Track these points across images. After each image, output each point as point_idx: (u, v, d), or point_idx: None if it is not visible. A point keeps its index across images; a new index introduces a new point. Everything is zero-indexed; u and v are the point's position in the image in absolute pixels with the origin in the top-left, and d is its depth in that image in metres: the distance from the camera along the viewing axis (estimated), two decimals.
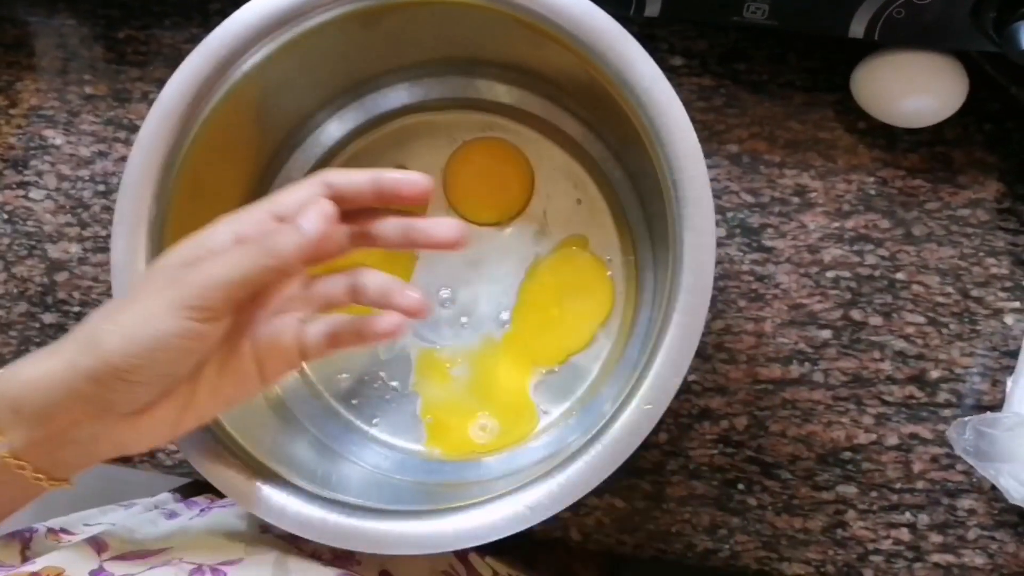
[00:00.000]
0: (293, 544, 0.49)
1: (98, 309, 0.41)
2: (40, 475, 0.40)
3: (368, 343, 0.43)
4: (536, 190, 0.58)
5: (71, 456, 0.41)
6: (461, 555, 0.55)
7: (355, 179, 0.41)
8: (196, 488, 0.63)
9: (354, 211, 0.42)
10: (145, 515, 0.55)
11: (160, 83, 0.48)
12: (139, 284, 0.41)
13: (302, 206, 0.39)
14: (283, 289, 0.42)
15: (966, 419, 0.51)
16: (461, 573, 0.54)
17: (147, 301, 0.38)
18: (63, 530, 0.51)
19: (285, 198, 0.41)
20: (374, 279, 0.42)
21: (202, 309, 0.38)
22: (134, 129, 0.62)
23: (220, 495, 0.57)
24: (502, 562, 0.58)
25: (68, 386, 0.38)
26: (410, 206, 0.43)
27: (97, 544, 0.46)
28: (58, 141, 0.62)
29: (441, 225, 0.42)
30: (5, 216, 0.62)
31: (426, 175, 0.41)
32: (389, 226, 0.43)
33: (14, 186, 0.62)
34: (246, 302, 0.40)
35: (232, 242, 0.40)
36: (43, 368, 0.39)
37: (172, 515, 0.55)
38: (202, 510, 0.56)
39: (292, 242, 0.38)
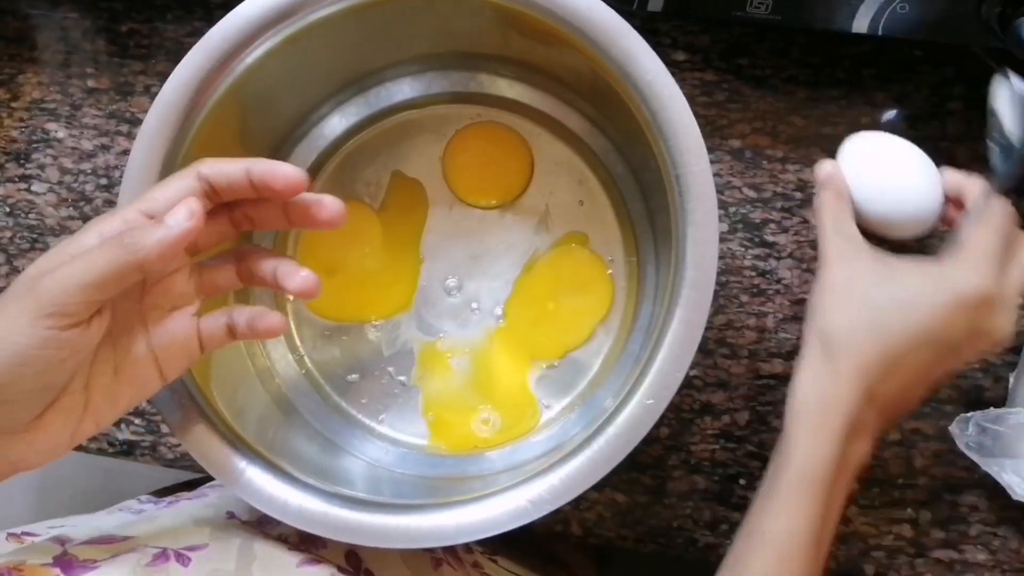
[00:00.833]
0: (260, 530, 0.49)
1: None
2: None
3: (259, 338, 0.43)
4: (538, 185, 0.58)
5: None
6: None
7: (227, 169, 0.40)
8: (168, 492, 0.63)
9: (236, 208, 0.42)
10: (110, 516, 0.55)
11: (162, 77, 0.47)
12: (2, 297, 0.38)
13: (172, 203, 0.38)
14: (171, 285, 0.41)
15: (969, 415, 0.51)
16: (436, 551, 0.53)
17: (4, 313, 0.36)
18: (25, 533, 0.50)
19: (157, 194, 0.39)
20: (264, 259, 0.42)
21: (60, 316, 0.36)
22: (136, 122, 0.61)
23: (189, 492, 0.57)
24: (481, 543, 0.57)
25: None
26: (283, 199, 0.41)
27: (60, 540, 0.45)
28: (60, 134, 0.62)
29: (325, 201, 0.41)
30: (7, 209, 0.62)
31: (299, 169, 0.40)
32: (268, 207, 0.42)
33: (16, 179, 0.62)
34: (123, 301, 0.39)
35: (97, 244, 0.38)
36: None
37: (139, 512, 0.55)
38: (169, 503, 0.55)
39: (154, 239, 0.37)
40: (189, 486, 0.47)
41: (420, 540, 0.44)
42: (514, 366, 0.57)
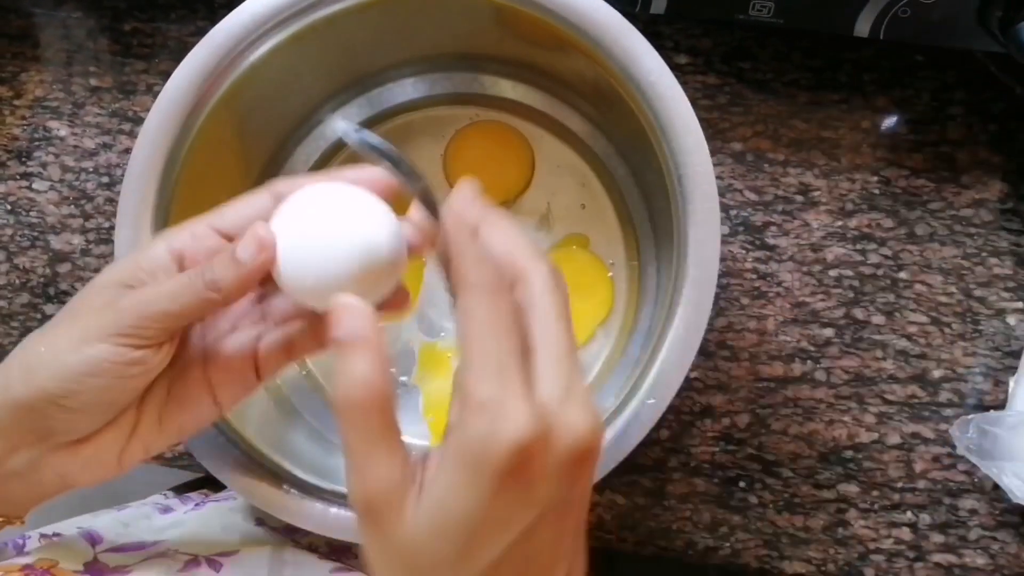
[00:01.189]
0: (289, 537, 0.49)
1: (39, 329, 0.39)
2: None
3: (327, 349, 0.38)
4: (540, 187, 0.58)
5: (15, 491, 0.39)
6: None
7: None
8: (191, 487, 0.63)
9: None
10: (139, 511, 0.55)
11: (165, 76, 0.48)
12: (76, 302, 0.38)
13: (242, 221, 0.38)
14: (234, 307, 0.41)
15: (969, 417, 0.52)
16: None
17: (81, 323, 0.37)
18: (56, 534, 0.50)
19: (230, 212, 0.39)
20: None
21: (137, 337, 0.36)
22: (139, 121, 0.62)
23: (215, 491, 0.57)
24: None
25: (7, 417, 0.37)
26: None
27: (91, 537, 0.45)
28: (62, 132, 0.62)
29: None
30: (8, 207, 0.62)
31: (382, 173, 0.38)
32: None
33: (18, 177, 0.62)
34: (189, 328, 0.38)
35: (170, 261, 0.38)
36: None
37: (167, 510, 0.55)
38: (196, 504, 0.55)
39: (230, 275, 0.36)
40: (212, 483, 0.47)
41: None
42: None
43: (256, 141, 0.55)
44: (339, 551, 0.49)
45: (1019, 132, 0.57)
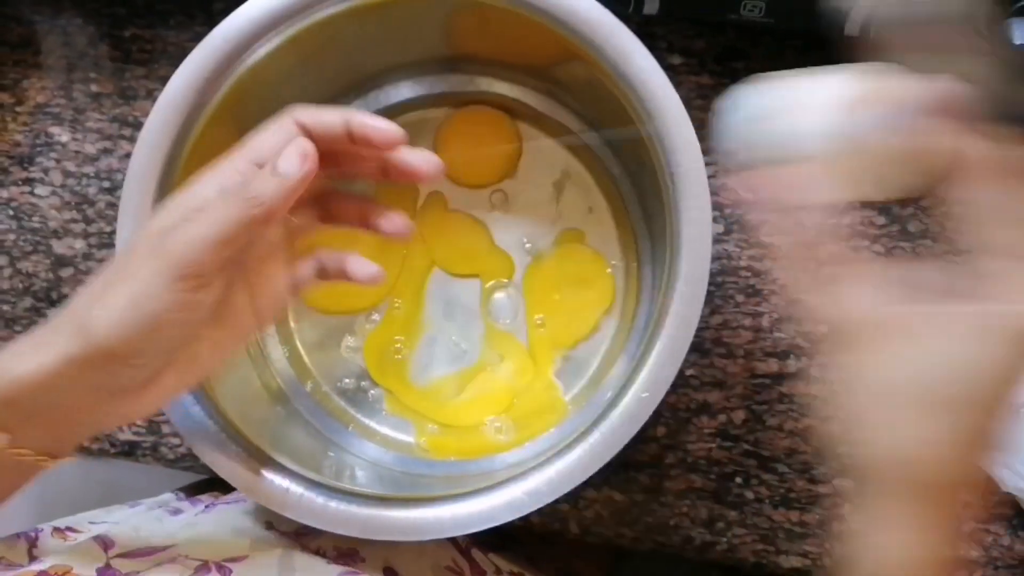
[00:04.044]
0: (297, 542, 0.49)
1: (82, 289, 0.39)
2: (43, 456, 0.39)
3: (350, 280, 0.43)
4: (535, 186, 0.58)
5: (74, 435, 0.40)
6: (464, 551, 0.55)
7: (325, 119, 0.40)
8: (200, 488, 0.64)
9: (329, 157, 0.40)
10: (150, 512, 0.55)
11: (164, 81, 0.48)
12: (124, 255, 0.38)
13: (277, 148, 0.38)
14: (268, 235, 0.42)
15: None
16: (464, 569, 0.54)
17: (136, 276, 0.36)
18: (69, 528, 0.51)
19: (260, 143, 0.39)
20: (345, 200, 0.44)
21: (194, 277, 0.36)
22: (139, 126, 0.62)
23: (224, 493, 0.58)
24: (504, 558, 0.58)
25: (67, 378, 0.37)
26: (381, 151, 0.41)
27: (103, 542, 0.46)
28: (64, 138, 0.63)
29: (424, 155, 0.41)
30: (11, 212, 0.62)
31: (395, 124, 0.40)
32: (363, 161, 0.42)
33: (20, 182, 0.63)
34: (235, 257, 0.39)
35: (217, 196, 0.38)
36: (35, 363, 0.37)
37: (177, 512, 0.55)
38: (207, 507, 0.56)
39: (274, 187, 0.37)
40: (221, 485, 0.48)
41: (418, 533, 0.44)
42: (540, 360, 0.58)
43: None
44: (346, 555, 0.50)
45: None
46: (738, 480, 0.57)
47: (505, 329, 0.58)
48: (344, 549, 0.49)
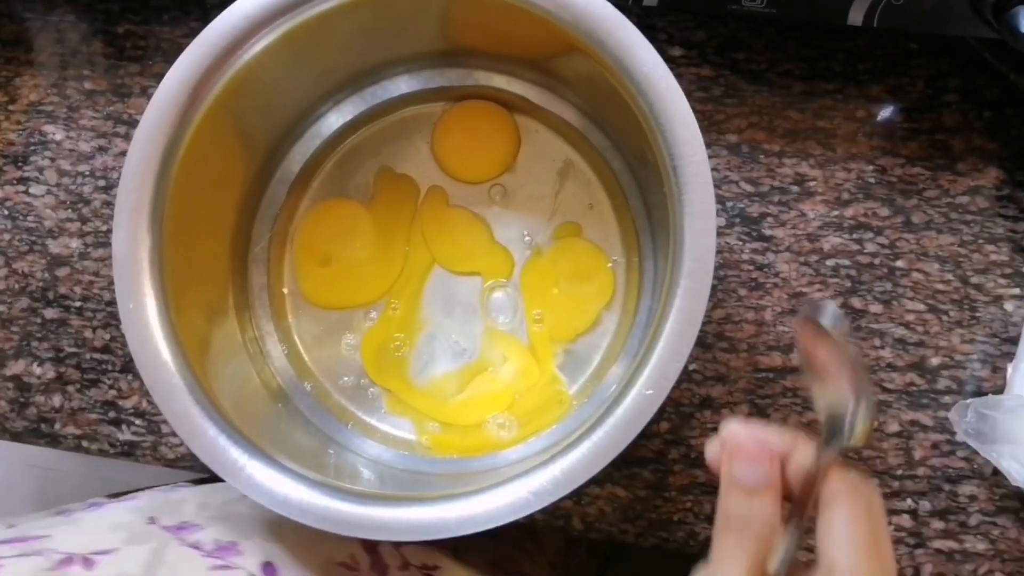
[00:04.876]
0: (175, 535, 0.48)
1: None
2: None
3: None
4: (535, 181, 0.58)
5: None
6: (370, 545, 0.53)
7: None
8: (125, 492, 0.62)
9: None
10: (58, 515, 0.54)
11: (159, 78, 0.48)
12: None
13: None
14: None
15: (967, 401, 0.52)
16: (362, 563, 0.52)
17: None
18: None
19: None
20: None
21: None
22: (134, 124, 0.62)
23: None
24: (420, 550, 0.56)
25: None
26: None
27: None
28: (58, 136, 0.62)
29: None
30: (5, 212, 0.62)
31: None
32: None
33: (14, 182, 0.62)
34: None
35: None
36: None
37: (68, 515, 0.54)
38: (101, 505, 0.55)
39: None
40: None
41: (421, 533, 0.44)
42: (541, 353, 0.57)
43: (251, 140, 0.55)
44: (223, 549, 0.48)
45: (1014, 119, 0.57)
46: None
47: (505, 327, 0.57)
48: (224, 543, 0.49)
